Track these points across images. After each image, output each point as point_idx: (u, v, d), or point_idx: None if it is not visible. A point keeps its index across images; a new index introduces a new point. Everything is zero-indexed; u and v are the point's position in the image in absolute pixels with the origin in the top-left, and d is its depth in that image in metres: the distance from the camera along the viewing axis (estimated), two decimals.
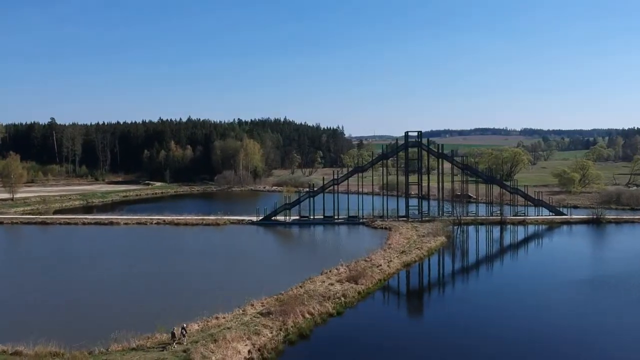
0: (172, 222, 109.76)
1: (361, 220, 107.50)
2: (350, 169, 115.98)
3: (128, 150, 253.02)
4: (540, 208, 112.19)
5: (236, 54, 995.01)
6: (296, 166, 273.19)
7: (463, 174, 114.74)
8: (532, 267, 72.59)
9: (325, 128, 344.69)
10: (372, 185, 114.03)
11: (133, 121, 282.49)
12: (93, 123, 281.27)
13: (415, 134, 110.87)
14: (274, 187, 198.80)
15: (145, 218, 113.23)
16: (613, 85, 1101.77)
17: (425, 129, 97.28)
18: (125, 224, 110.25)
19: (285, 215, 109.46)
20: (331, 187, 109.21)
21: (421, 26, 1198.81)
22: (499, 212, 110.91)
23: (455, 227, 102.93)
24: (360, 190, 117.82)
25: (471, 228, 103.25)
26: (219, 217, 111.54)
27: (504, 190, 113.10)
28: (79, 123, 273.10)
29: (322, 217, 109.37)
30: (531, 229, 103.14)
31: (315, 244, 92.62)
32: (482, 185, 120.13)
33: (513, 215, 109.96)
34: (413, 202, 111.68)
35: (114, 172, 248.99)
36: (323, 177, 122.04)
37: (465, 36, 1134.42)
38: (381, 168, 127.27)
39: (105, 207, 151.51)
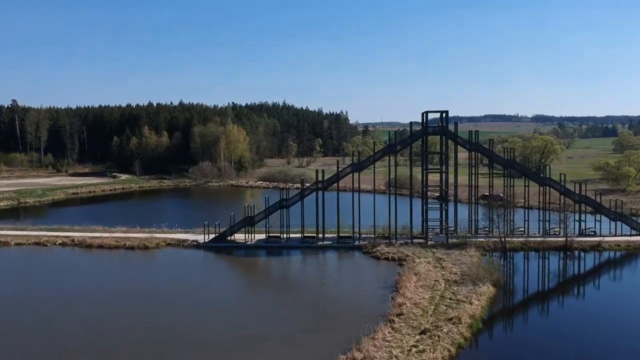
0: (84, 242, 75.80)
1: (357, 243, 72.98)
2: (350, 161, 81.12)
3: (99, 138, 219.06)
4: (617, 223, 77.22)
5: (236, 42, 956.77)
6: (293, 155, 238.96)
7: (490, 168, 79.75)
8: None
9: (328, 113, 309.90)
10: (374, 180, 77.50)
11: (107, 105, 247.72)
12: (64, 107, 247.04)
13: (438, 115, 76.10)
14: (260, 182, 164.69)
15: (47, 236, 79.20)
16: (628, 72, 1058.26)
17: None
18: (18, 244, 76.48)
19: (248, 232, 75.25)
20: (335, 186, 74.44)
21: (429, 10, 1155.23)
22: (556, 227, 76.40)
23: (499, 256, 68.69)
24: (357, 187, 74.99)
25: (521, 257, 68.83)
26: (151, 236, 77.31)
27: (551, 194, 78.12)
28: (47, 107, 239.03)
29: (299, 235, 75.08)
30: (608, 255, 68.96)
31: (277, 299, 54.17)
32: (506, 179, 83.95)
33: (580, 234, 75.15)
34: (433, 212, 76.21)
35: (82, 162, 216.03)
36: (317, 171, 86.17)
37: (477, 20, 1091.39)
38: (387, 157, 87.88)
39: (35, 210, 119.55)
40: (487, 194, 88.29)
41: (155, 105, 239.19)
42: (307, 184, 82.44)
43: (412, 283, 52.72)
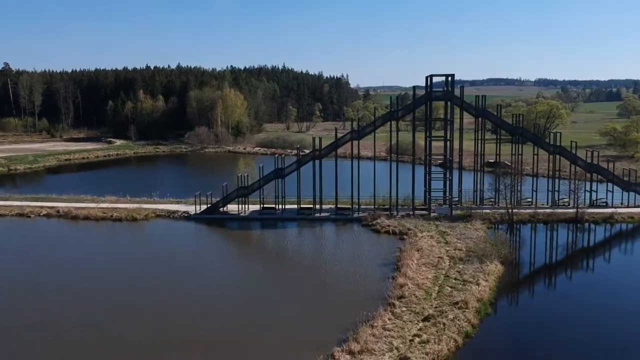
0: (69, 213, 72.06)
1: (356, 215, 69.24)
2: (350, 126, 76.74)
3: (94, 102, 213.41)
4: (629, 193, 73.34)
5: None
6: (292, 120, 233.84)
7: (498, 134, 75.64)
8: None
9: (328, 77, 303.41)
10: (375, 146, 73.02)
11: (103, 68, 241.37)
12: (58, 70, 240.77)
13: (443, 79, 71.48)
14: (258, 148, 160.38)
15: (31, 207, 75.49)
16: (633, 35, 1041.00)
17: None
18: (0, 215, 72.87)
19: (241, 203, 71.48)
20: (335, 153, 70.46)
21: None
22: (565, 197, 72.58)
23: (505, 228, 65.15)
24: (357, 153, 71.23)
25: (530, 230, 65.21)
26: (140, 207, 73.54)
27: (560, 162, 74.07)
28: (41, 70, 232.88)
29: (296, 206, 71.34)
30: (619, 228, 65.48)
31: (269, 280, 48.95)
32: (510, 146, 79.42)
33: (591, 205, 71.29)
34: (436, 182, 72.16)
35: (77, 127, 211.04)
36: (314, 139, 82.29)
37: None
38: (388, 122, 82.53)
39: (25, 177, 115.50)
40: (492, 161, 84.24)
41: (152, 68, 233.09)
42: (307, 151, 78.42)
43: (414, 260, 49.12)
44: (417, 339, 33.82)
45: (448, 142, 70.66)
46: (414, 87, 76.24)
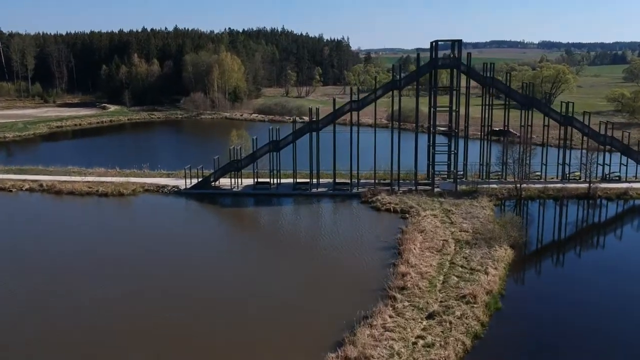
0: (52, 187, 68.32)
1: (355, 190, 65.47)
2: (350, 91, 72.20)
3: (88, 67, 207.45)
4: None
5: None
6: (291, 85, 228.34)
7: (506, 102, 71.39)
8: None
9: (329, 40, 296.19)
10: (376, 112, 68.53)
11: (98, 30, 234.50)
12: (51, 33, 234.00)
13: (448, 43, 66.73)
14: (255, 115, 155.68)
15: (13, 180, 71.71)
16: None
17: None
18: None
19: (234, 177, 67.63)
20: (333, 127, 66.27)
21: None
22: (576, 171, 68.76)
23: (513, 205, 61.55)
24: (357, 120, 66.69)
25: (540, 207, 61.62)
26: (127, 181, 69.78)
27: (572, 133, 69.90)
28: (33, 33, 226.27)
29: (291, 180, 67.54)
30: (633, 204, 61.94)
31: (261, 268, 44.17)
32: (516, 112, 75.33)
33: (603, 179, 67.46)
34: (440, 156, 67.91)
35: (72, 92, 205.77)
36: (310, 110, 77.97)
37: None
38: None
39: (13, 146, 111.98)
40: (498, 129, 79.92)
41: (148, 30, 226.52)
42: (306, 118, 74.15)
43: (417, 244, 45.55)
44: (420, 342, 30.40)
45: (454, 113, 66.28)
46: (418, 53, 71.71)
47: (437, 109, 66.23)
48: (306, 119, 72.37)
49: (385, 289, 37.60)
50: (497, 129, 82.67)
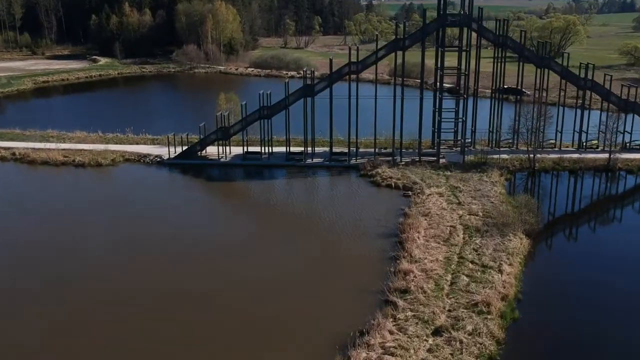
0: (26, 156, 62.92)
1: (353, 161, 60.05)
2: (351, 41, 65.99)
3: (78, 16, 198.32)
4: None
5: None
6: (290, 35, 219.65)
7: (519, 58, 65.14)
8: None
9: None
10: (376, 68, 62.37)
11: None
12: None
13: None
14: (251, 69, 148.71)
15: None
16: None
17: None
18: None
19: (222, 146, 62.14)
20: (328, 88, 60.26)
21: None
22: (594, 139, 63.40)
23: (525, 178, 56.41)
24: (356, 78, 59.46)
25: (555, 179, 56.49)
26: (106, 149, 64.35)
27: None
28: None
29: (284, 149, 62.08)
30: None
31: (242, 268, 37.50)
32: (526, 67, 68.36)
33: (623, 148, 61.98)
34: (447, 123, 61.73)
35: (62, 43, 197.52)
36: (304, 72, 71.58)
37: None
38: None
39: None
40: (508, 87, 73.55)
41: None
42: (305, 69, 68.15)
43: (422, 231, 40.61)
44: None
45: (463, 77, 60.30)
46: (424, 11, 65.25)
47: (445, 71, 60.17)
48: (306, 69, 66.35)
49: (385, 291, 32.73)
50: (507, 87, 76.69)
